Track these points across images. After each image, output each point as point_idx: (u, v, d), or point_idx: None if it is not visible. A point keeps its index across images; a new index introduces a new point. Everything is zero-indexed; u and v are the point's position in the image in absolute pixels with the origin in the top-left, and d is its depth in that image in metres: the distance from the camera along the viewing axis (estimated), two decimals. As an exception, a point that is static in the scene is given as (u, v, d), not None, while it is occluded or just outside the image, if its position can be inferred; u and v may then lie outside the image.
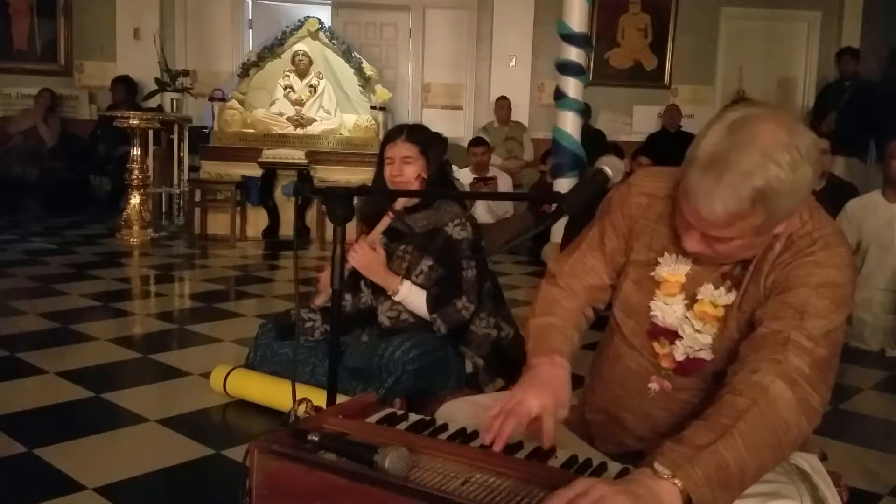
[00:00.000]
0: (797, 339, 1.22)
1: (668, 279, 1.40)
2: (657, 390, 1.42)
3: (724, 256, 1.31)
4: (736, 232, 1.23)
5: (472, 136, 7.73)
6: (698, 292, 1.37)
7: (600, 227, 1.50)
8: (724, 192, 1.18)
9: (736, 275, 1.35)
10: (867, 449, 2.58)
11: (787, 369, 1.19)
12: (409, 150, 2.59)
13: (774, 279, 1.30)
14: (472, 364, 2.70)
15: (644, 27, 8.81)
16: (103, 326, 3.72)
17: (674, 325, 1.39)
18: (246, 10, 8.85)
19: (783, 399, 1.16)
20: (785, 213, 1.23)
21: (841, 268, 1.28)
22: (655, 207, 1.43)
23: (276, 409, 2.58)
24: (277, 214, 6.71)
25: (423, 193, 2.63)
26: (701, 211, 1.21)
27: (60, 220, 7.37)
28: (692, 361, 1.39)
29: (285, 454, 1.14)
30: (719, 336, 1.36)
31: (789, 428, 1.16)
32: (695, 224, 1.25)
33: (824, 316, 1.24)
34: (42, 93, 8.17)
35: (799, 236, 1.30)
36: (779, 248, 1.31)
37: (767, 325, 1.25)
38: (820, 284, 1.26)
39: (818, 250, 1.28)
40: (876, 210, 3.96)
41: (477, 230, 2.67)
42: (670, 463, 1.07)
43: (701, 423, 1.14)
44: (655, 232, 1.42)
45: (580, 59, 5.72)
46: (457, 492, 1.06)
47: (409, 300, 2.59)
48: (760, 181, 1.17)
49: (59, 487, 2.05)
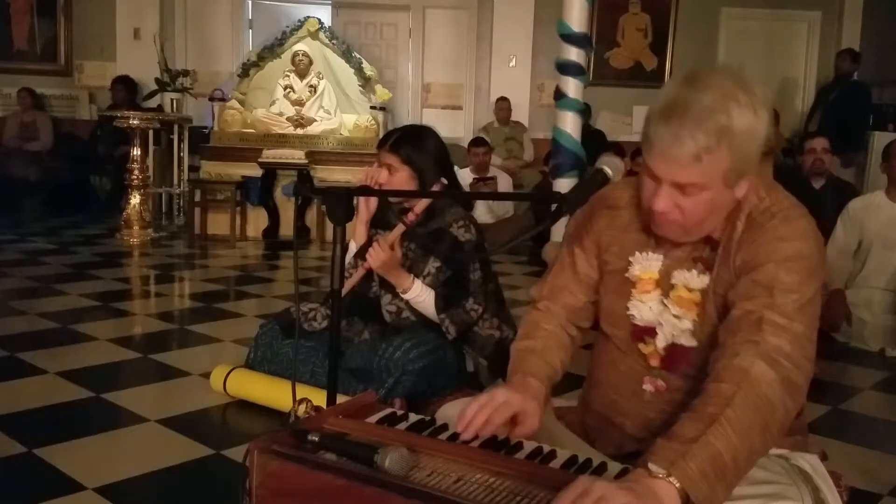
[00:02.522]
0: (771, 317, 1.22)
1: (641, 277, 1.41)
2: (652, 391, 1.42)
3: (692, 221, 1.30)
4: (704, 174, 1.23)
5: (472, 136, 7.73)
6: (673, 276, 1.38)
7: (569, 248, 1.54)
8: (690, 126, 1.21)
9: (706, 257, 1.36)
10: (867, 449, 2.58)
11: (766, 349, 1.19)
12: (391, 159, 2.60)
13: (742, 258, 1.31)
14: (474, 363, 2.70)
15: (644, 27, 8.81)
16: (103, 326, 3.72)
17: (652, 321, 1.40)
18: (246, 10, 8.85)
19: (766, 380, 1.16)
20: (747, 159, 1.25)
21: (805, 239, 1.29)
22: (620, 218, 1.46)
23: (276, 409, 2.58)
24: (277, 214, 6.71)
25: (424, 194, 2.63)
26: (669, 151, 1.23)
27: (60, 220, 7.37)
28: (676, 349, 1.38)
29: (285, 454, 1.14)
30: (700, 323, 1.36)
31: (775, 408, 1.16)
32: (662, 174, 1.26)
33: (795, 290, 1.24)
34: (20, 92, 8.14)
35: (759, 213, 1.32)
36: (741, 228, 1.32)
37: (740, 306, 1.26)
38: (786, 258, 1.26)
39: (779, 224, 1.29)
40: (878, 210, 3.96)
41: (480, 232, 2.68)
42: (663, 461, 1.07)
43: (689, 416, 1.14)
44: (624, 240, 1.45)
45: (580, 59, 5.72)
46: (456, 492, 1.06)
47: (419, 300, 2.59)
48: (723, 117, 1.21)
49: (59, 487, 2.05)
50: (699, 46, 8.72)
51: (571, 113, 5.82)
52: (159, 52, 7.72)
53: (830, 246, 4.03)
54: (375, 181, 2.55)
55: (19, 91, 8.17)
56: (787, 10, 8.66)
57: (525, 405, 1.31)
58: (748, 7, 8.67)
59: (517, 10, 8.49)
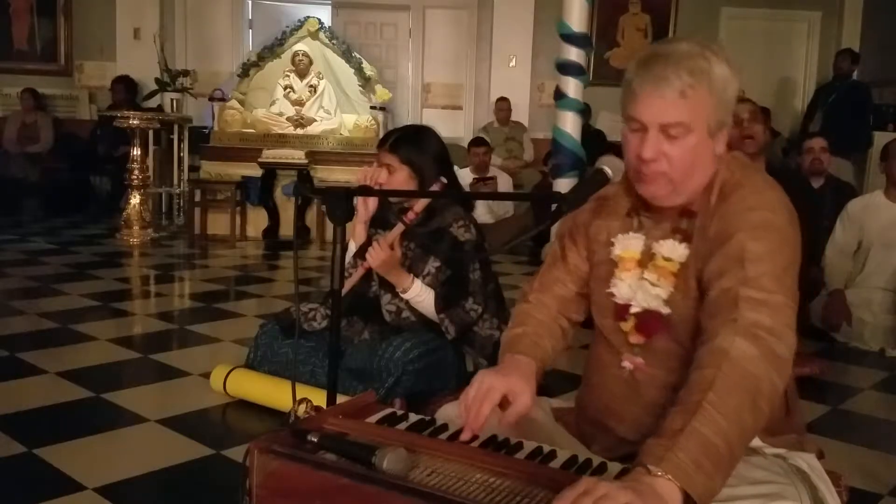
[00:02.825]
0: (746, 293, 1.22)
1: (622, 256, 1.43)
2: (631, 368, 1.42)
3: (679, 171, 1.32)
4: (689, 112, 1.28)
5: (472, 136, 7.73)
6: (653, 247, 1.39)
7: (560, 241, 1.57)
8: (674, 66, 1.27)
9: (684, 228, 1.37)
10: (867, 449, 2.58)
11: (744, 325, 1.19)
12: (390, 159, 2.61)
13: (714, 230, 1.32)
14: (474, 363, 2.70)
15: (644, 27, 8.82)
16: (103, 326, 3.72)
17: (631, 297, 1.41)
18: (246, 10, 8.85)
19: (747, 356, 1.16)
20: (725, 107, 1.31)
21: (774, 210, 1.31)
22: (606, 207, 1.49)
23: (276, 409, 2.58)
24: (277, 214, 6.71)
25: (424, 194, 2.63)
26: (656, 91, 1.28)
27: (60, 220, 7.37)
28: (650, 315, 1.38)
29: (285, 454, 1.14)
30: (680, 296, 1.36)
31: (761, 383, 1.15)
32: (649, 117, 1.30)
33: (765, 259, 1.25)
34: (23, 93, 8.15)
35: (730, 186, 1.34)
36: (714, 200, 1.34)
37: (716, 285, 1.27)
38: (753, 227, 1.27)
39: (748, 194, 1.32)
40: (878, 210, 3.96)
41: (480, 232, 2.68)
42: (655, 458, 1.07)
43: (675, 409, 1.14)
44: (610, 227, 1.47)
45: (580, 59, 5.72)
46: (456, 492, 1.06)
47: (419, 299, 2.59)
48: (702, 61, 1.28)
49: (59, 487, 2.05)
50: (699, 46, 8.71)
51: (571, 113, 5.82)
52: (159, 52, 7.72)
53: (829, 246, 4.03)
54: (375, 181, 2.55)
55: (22, 92, 8.17)
56: (787, 10, 8.66)
57: (511, 385, 1.32)
58: (748, 7, 8.67)
59: (517, 10, 8.49)
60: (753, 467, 1.27)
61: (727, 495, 1.16)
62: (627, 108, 1.33)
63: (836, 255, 4.01)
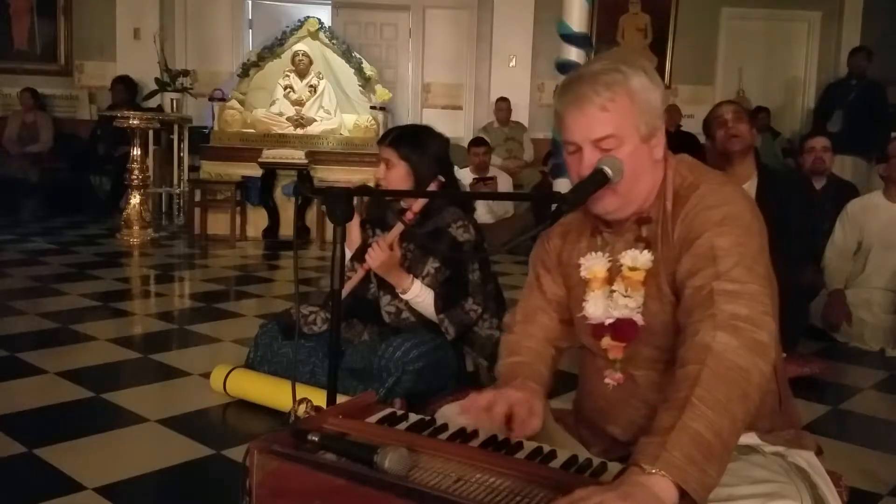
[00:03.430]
0: (720, 287, 1.23)
1: (588, 277, 1.45)
2: (613, 385, 1.44)
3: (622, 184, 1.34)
4: (615, 124, 1.31)
5: (472, 136, 7.73)
6: (619, 259, 1.40)
7: (534, 271, 1.58)
8: (589, 84, 1.32)
9: (645, 236, 1.39)
10: (867, 449, 2.58)
11: (723, 318, 1.20)
12: (389, 154, 2.61)
13: (678, 234, 1.34)
14: (474, 363, 2.70)
15: (644, 27, 8.81)
16: (103, 326, 3.72)
17: (602, 315, 1.42)
18: (246, 10, 8.85)
19: (730, 348, 1.17)
20: (651, 111, 1.34)
21: (732, 202, 1.33)
22: (571, 233, 1.52)
23: (276, 409, 2.58)
24: (277, 214, 6.71)
25: (423, 194, 2.63)
26: (578, 111, 1.32)
27: (60, 220, 7.37)
28: (623, 322, 1.39)
29: (285, 454, 1.14)
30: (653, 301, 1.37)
31: (748, 373, 1.16)
32: (579, 136, 1.34)
33: (735, 252, 1.26)
34: (23, 93, 8.15)
35: (684, 189, 1.37)
36: (670, 206, 1.37)
37: (689, 284, 1.28)
38: (718, 223, 1.29)
39: (705, 193, 1.34)
40: (877, 210, 3.95)
41: (479, 232, 2.67)
42: (648, 457, 1.07)
43: (664, 406, 1.15)
44: (579, 250, 1.49)
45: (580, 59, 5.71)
46: (456, 492, 1.06)
47: (419, 300, 2.59)
48: (617, 75, 1.32)
49: (59, 487, 2.05)
50: (699, 46, 8.72)
51: (571, 113, 5.80)
52: (159, 51, 7.72)
53: (829, 247, 4.03)
54: (375, 178, 2.57)
55: (22, 91, 8.17)
56: (787, 10, 8.65)
57: (533, 403, 1.34)
58: (748, 7, 8.67)
59: (517, 10, 8.49)
60: (753, 466, 1.27)
61: (728, 494, 1.16)
62: (562, 134, 1.38)
63: (835, 256, 4.01)
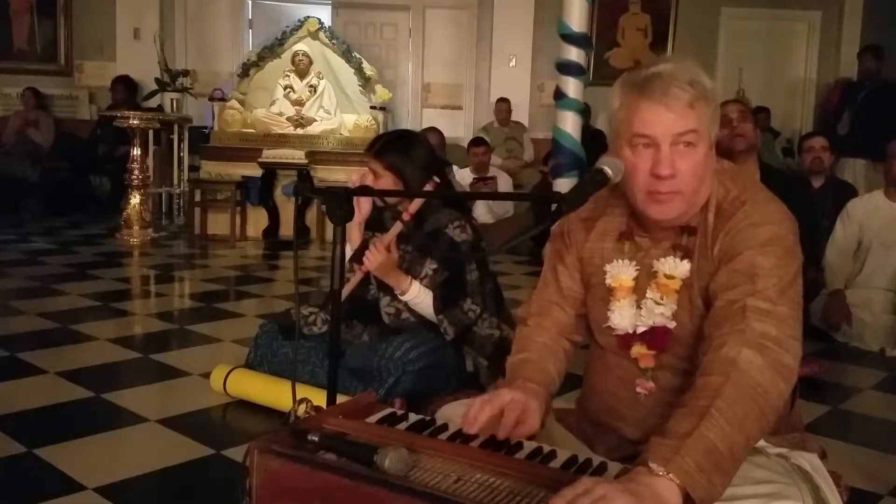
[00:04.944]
0: (754, 304, 1.23)
1: (613, 286, 1.43)
2: (645, 394, 1.42)
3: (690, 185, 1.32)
4: (698, 121, 1.29)
5: (472, 136, 7.72)
6: (654, 265, 1.39)
7: (551, 263, 1.56)
8: (678, 81, 1.28)
9: (685, 244, 1.37)
10: (867, 449, 2.58)
11: (752, 336, 1.20)
12: (375, 165, 2.61)
13: (719, 248, 1.33)
14: (474, 363, 2.70)
15: (644, 27, 8.81)
16: (103, 326, 3.72)
17: (629, 326, 1.41)
18: (246, 10, 8.84)
19: (755, 366, 1.17)
20: (717, 121, 1.34)
21: (778, 222, 1.32)
22: (595, 228, 1.49)
23: (276, 409, 2.58)
24: (277, 214, 6.71)
25: (424, 194, 2.63)
26: (665, 105, 1.28)
27: (60, 220, 7.37)
28: (657, 330, 1.38)
29: (285, 454, 1.14)
30: (686, 311, 1.36)
31: (768, 393, 1.16)
32: (661, 131, 1.29)
33: (774, 273, 1.26)
34: (25, 92, 8.15)
35: (728, 203, 1.35)
36: (712, 220, 1.35)
37: (722, 297, 1.27)
38: (763, 244, 1.28)
39: (751, 210, 1.32)
40: (878, 210, 3.96)
41: (476, 232, 2.67)
42: (660, 458, 1.07)
43: (681, 411, 1.15)
44: (603, 250, 1.47)
45: (580, 59, 5.71)
46: (456, 492, 1.06)
47: (417, 301, 2.59)
48: (697, 75, 1.31)
49: (59, 487, 2.05)
50: (699, 46, 8.71)
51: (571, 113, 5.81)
52: (159, 51, 7.72)
53: (830, 246, 4.03)
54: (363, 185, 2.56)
55: (24, 91, 8.17)
56: (787, 10, 8.65)
57: (528, 403, 1.33)
58: (748, 7, 8.66)
59: (517, 10, 8.49)
60: (756, 467, 1.27)
61: (730, 494, 1.16)
62: (632, 127, 1.31)
63: (836, 256, 4.00)
